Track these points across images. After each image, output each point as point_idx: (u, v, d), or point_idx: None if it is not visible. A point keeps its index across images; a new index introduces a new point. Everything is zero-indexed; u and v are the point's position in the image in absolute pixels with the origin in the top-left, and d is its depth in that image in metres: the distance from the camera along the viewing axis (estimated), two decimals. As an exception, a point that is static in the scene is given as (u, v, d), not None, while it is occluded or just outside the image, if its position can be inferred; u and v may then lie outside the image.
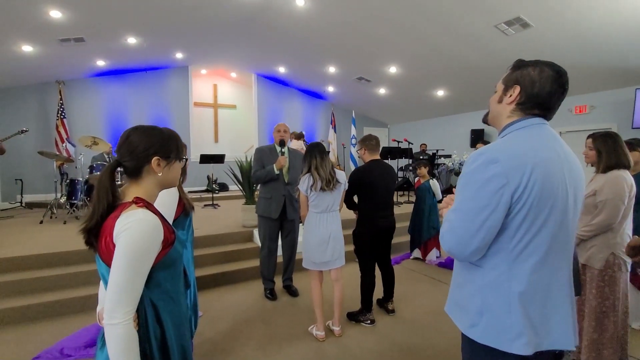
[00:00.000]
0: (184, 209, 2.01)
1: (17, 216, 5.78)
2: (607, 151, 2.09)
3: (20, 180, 6.97)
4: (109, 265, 0.92)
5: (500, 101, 1.10)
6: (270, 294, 3.41)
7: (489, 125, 1.19)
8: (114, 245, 0.92)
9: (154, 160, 1.04)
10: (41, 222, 5.02)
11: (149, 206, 1.00)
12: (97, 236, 0.96)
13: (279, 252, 3.54)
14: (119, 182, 1.03)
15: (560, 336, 0.98)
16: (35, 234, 4.33)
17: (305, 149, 4.59)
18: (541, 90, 1.01)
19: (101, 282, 1.05)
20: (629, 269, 2.13)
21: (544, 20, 4.83)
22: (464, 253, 0.98)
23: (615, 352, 2.10)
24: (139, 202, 0.98)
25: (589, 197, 2.11)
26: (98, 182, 0.98)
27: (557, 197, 0.95)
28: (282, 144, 3.31)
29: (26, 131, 5.28)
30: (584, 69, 5.90)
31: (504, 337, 0.96)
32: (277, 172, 3.21)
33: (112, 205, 0.98)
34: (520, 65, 1.07)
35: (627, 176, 2.05)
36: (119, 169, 1.06)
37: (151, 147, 1.04)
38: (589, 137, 2.23)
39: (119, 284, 0.89)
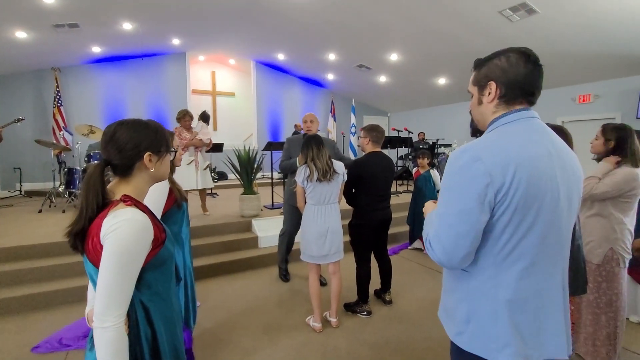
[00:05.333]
0: (176, 200, 1.92)
1: (16, 205, 5.78)
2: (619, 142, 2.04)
3: (19, 168, 6.94)
4: (96, 266, 0.90)
5: (480, 102, 1.03)
6: (284, 275, 3.67)
7: (479, 132, 1.09)
8: (101, 246, 0.89)
9: (146, 156, 1.01)
10: (40, 211, 5.02)
11: (138, 204, 0.97)
12: (84, 238, 0.93)
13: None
14: (107, 178, 0.99)
15: (554, 347, 0.94)
16: (34, 223, 4.33)
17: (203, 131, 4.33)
18: (517, 74, 0.94)
19: (90, 282, 1.03)
20: (627, 265, 2.12)
21: (551, 6, 4.70)
22: (453, 261, 0.93)
23: (611, 346, 2.11)
24: (127, 200, 0.95)
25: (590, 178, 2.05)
26: (86, 183, 0.94)
27: (544, 198, 0.88)
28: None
29: (22, 120, 5.22)
30: (589, 57, 5.78)
31: (491, 347, 0.92)
32: (298, 165, 3.19)
33: (100, 206, 0.95)
34: (481, 62, 1.02)
35: (636, 174, 1.98)
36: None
37: (141, 143, 1.01)
38: (602, 126, 2.17)
39: (108, 287, 0.87)
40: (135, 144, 0.99)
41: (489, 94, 0.99)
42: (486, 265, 0.93)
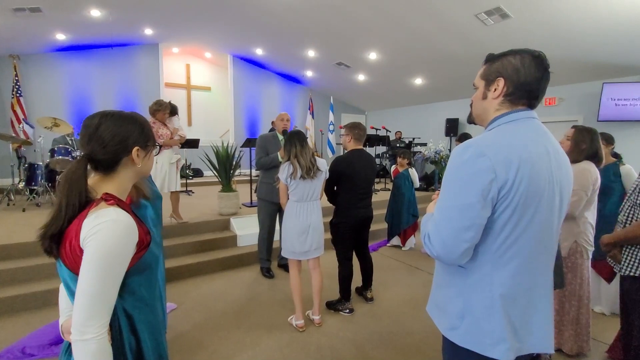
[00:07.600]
0: (132, 201, 1.85)
1: (-31, 203, 5.33)
2: (586, 143, 2.19)
3: (-28, 163, 6.41)
4: (74, 271, 0.82)
5: (484, 97, 1.02)
6: (268, 272, 3.64)
7: (475, 124, 1.11)
8: (81, 250, 0.81)
9: (134, 151, 0.94)
10: (-3, 210, 4.67)
11: (121, 203, 0.90)
12: (60, 240, 0.85)
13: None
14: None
15: (539, 339, 0.95)
16: (-10, 222, 4.01)
17: (176, 127, 4.11)
18: (528, 77, 0.94)
19: (61, 289, 0.94)
20: (590, 257, 2.26)
21: (523, 11, 4.88)
22: (452, 256, 0.90)
23: (577, 334, 2.24)
24: (109, 199, 0.87)
25: None
26: (68, 180, 0.85)
27: (542, 196, 0.89)
28: (285, 133, 3.48)
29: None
30: (556, 62, 6.07)
31: (485, 342, 0.92)
32: (280, 159, 3.36)
33: (81, 206, 0.86)
34: (495, 57, 1.01)
35: (592, 169, 2.15)
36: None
37: (129, 137, 0.93)
38: (572, 127, 2.29)
39: (90, 294, 0.79)
40: (122, 138, 0.92)
41: (495, 89, 0.99)
42: (484, 261, 0.93)
